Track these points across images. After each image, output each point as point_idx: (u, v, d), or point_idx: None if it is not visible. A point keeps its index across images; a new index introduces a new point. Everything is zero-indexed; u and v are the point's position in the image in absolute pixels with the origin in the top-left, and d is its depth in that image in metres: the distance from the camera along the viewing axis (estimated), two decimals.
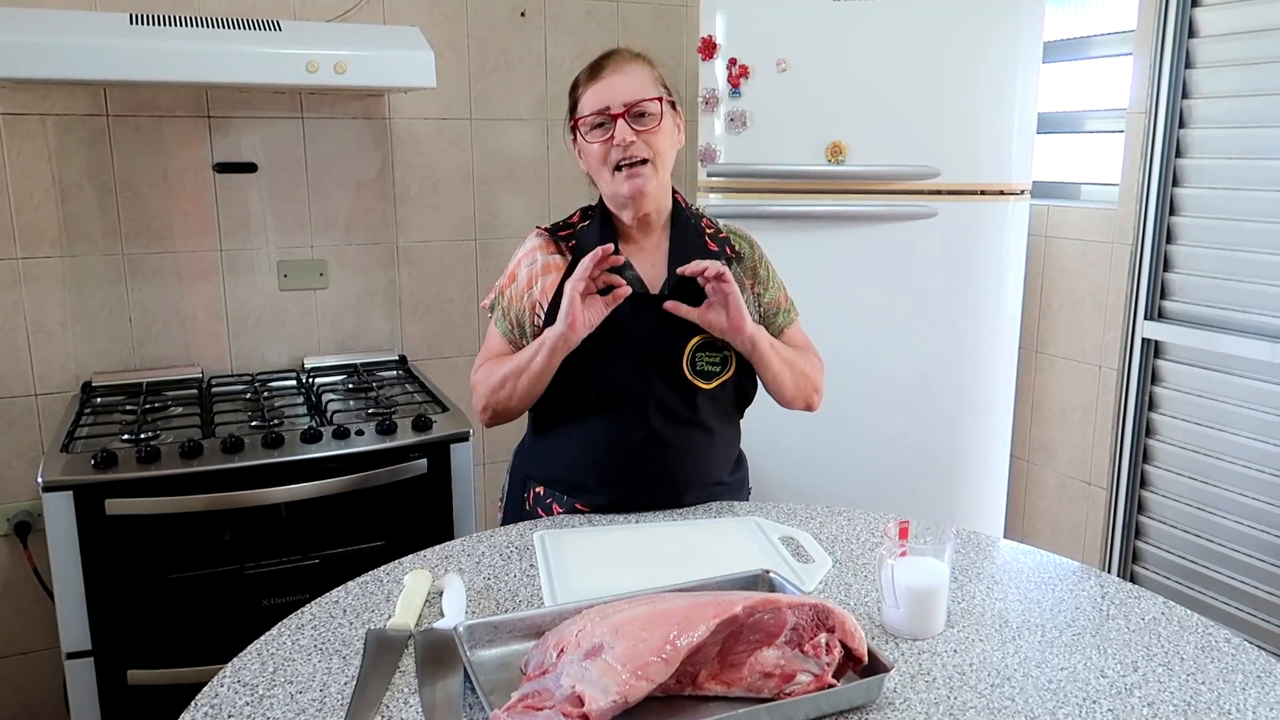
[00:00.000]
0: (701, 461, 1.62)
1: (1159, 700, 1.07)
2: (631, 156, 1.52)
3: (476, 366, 1.66)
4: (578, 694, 0.97)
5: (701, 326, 1.54)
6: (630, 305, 1.55)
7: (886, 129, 2.25)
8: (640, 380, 1.54)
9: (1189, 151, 2.24)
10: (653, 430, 1.55)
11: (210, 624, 1.95)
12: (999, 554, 1.47)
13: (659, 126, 1.53)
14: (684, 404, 1.56)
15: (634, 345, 1.54)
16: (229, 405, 2.26)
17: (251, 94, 2.44)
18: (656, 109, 1.53)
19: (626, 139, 1.51)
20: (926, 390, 2.36)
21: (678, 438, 1.57)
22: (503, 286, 1.64)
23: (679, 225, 1.62)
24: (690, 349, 1.55)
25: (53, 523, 1.82)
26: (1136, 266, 2.33)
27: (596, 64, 1.57)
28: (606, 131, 1.52)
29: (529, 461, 1.69)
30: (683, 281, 1.56)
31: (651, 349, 1.55)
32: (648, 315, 1.55)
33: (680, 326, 1.55)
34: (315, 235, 2.57)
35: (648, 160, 1.53)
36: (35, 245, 2.30)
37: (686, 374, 1.55)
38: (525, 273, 1.61)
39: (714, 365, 1.57)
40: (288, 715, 1.03)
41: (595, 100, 1.53)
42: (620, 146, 1.51)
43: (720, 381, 1.58)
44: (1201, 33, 2.18)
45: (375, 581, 1.34)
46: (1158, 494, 2.37)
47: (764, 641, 1.06)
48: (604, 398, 1.55)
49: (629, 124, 1.51)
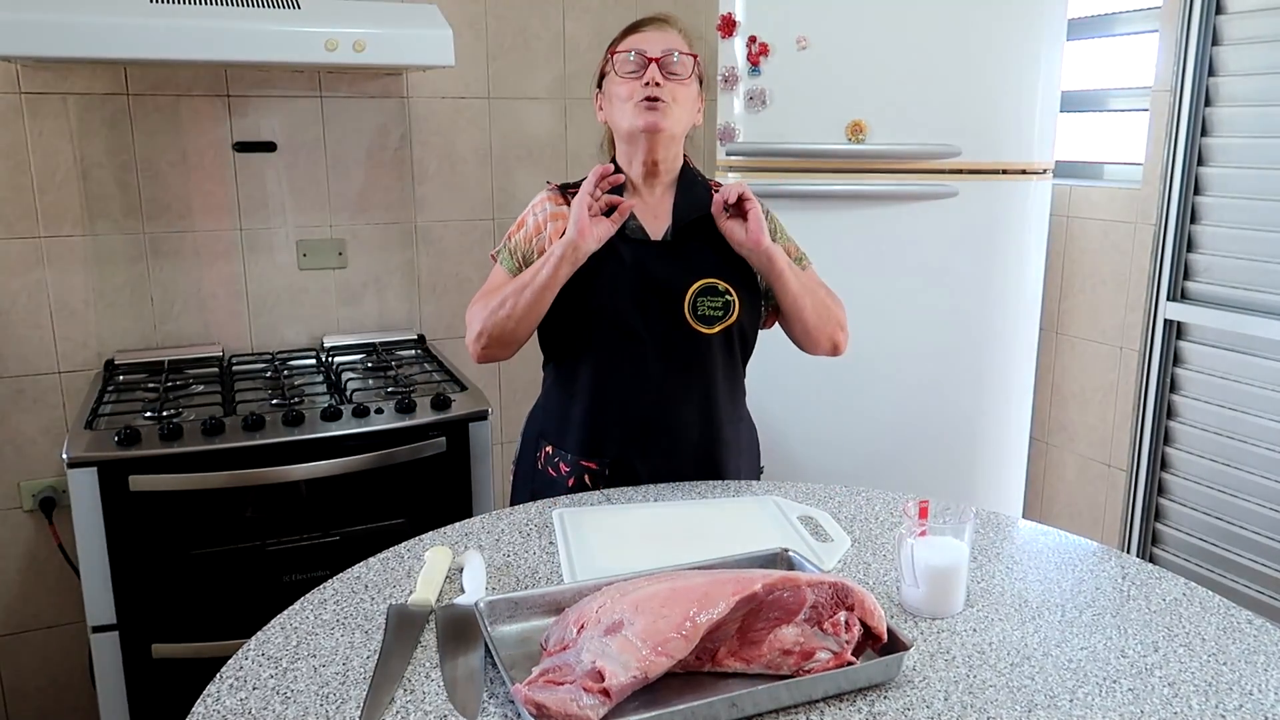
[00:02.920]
0: (702, 409, 1.63)
1: (1180, 680, 1.07)
2: (655, 96, 1.56)
3: (473, 303, 1.64)
4: (598, 669, 0.98)
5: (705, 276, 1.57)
6: (633, 251, 1.58)
7: (907, 107, 2.23)
8: (642, 325, 1.57)
9: (1215, 130, 2.21)
10: (654, 376, 1.58)
11: (232, 599, 1.97)
12: (1018, 534, 1.47)
13: (687, 81, 1.60)
14: (686, 350, 1.59)
15: (635, 291, 1.57)
16: (250, 383, 2.28)
17: (270, 73, 2.44)
18: (689, 67, 1.60)
19: (655, 79, 1.56)
20: (946, 371, 2.34)
21: (680, 384, 1.60)
22: (511, 233, 1.68)
23: (685, 179, 1.66)
24: (692, 294, 1.57)
25: (77, 499, 1.84)
26: (1160, 247, 2.31)
27: (641, 20, 1.66)
28: (638, 71, 1.58)
29: (540, 419, 1.72)
30: (686, 228, 1.60)
31: (653, 294, 1.57)
32: (650, 261, 1.59)
33: (682, 272, 1.58)
34: (334, 214, 2.58)
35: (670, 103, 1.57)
36: (58, 224, 2.32)
37: (689, 319, 1.57)
38: (533, 220, 1.66)
39: (716, 310, 1.58)
40: (311, 688, 1.04)
41: (634, 44, 1.61)
42: (648, 85, 1.56)
43: (723, 327, 1.59)
44: (1229, 9, 2.15)
45: (396, 558, 1.35)
46: (1178, 476, 2.35)
47: (783, 619, 1.07)
48: (606, 343, 1.58)
49: (662, 69, 1.57)
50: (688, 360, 1.59)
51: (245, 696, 1.02)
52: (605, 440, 1.62)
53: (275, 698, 1.02)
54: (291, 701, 1.02)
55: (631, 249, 1.59)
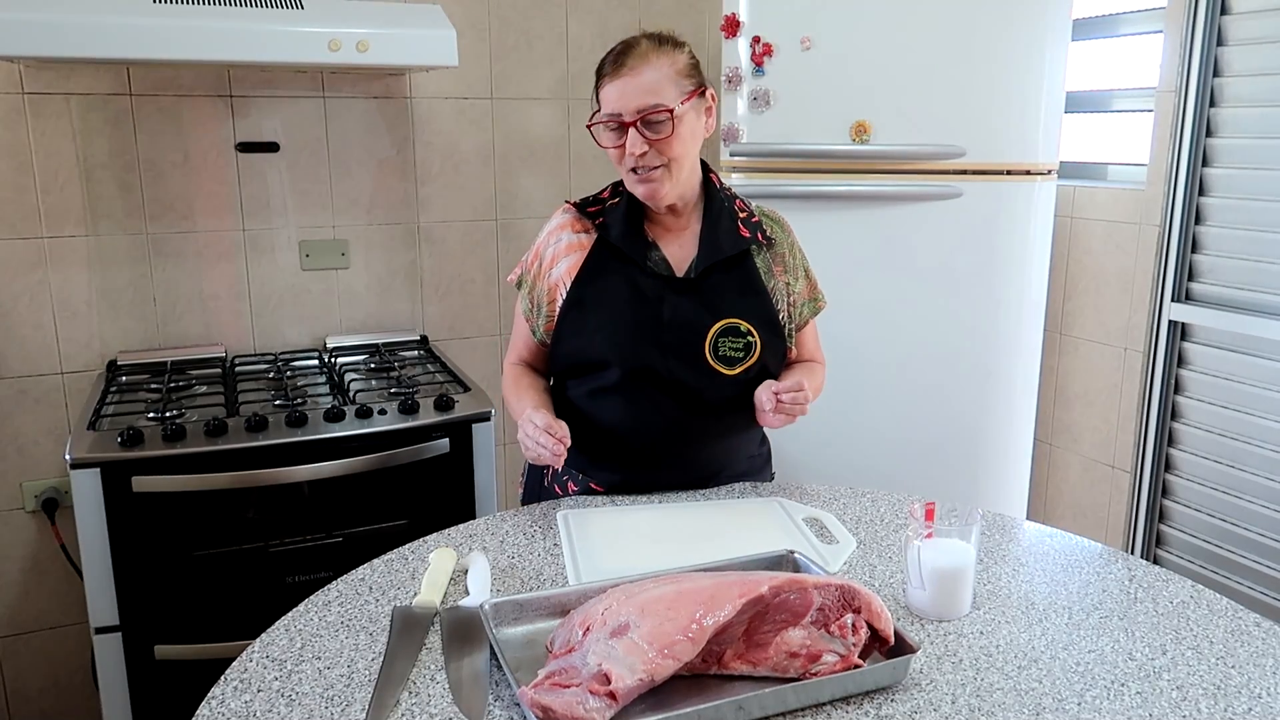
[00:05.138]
0: (719, 449, 1.61)
1: (1188, 683, 1.06)
2: (644, 165, 1.49)
3: (507, 359, 1.70)
4: (604, 672, 0.97)
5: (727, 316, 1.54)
6: (655, 287, 1.54)
7: (911, 108, 2.23)
8: (661, 363, 1.53)
9: (1219, 131, 2.21)
10: (671, 415, 1.55)
11: (235, 600, 1.97)
12: (1024, 536, 1.46)
13: (674, 134, 1.47)
14: (705, 389, 1.55)
15: (657, 328, 1.53)
16: (252, 384, 2.28)
17: (273, 73, 2.43)
18: (670, 114, 1.46)
19: (637, 150, 1.47)
20: (950, 372, 2.34)
21: (696, 424, 1.56)
22: (528, 264, 1.65)
23: (712, 209, 1.59)
24: (713, 334, 1.54)
25: (80, 500, 1.84)
26: (1164, 248, 2.30)
27: (619, 55, 1.49)
28: (620, 137, 1.49)
29: None
30: (711, 266, 1.55)
31: (674, 332, 1.54)
32: (672, 298, 1.54)
33: (705, 311, 1.54)
34: (337, 215, 2.57)
35: (662, 167, 1.49)
36: (60, 225, 2.31)
37: (709, 359, 1.54)
38: (550, 251, 1.61)
39: (737, 351, 1.54)
40: (316, 690, 1.04)
41: (610, 102, 1.48)
42: (632, 155, 1.48)
43: (744, 368, 1.55)
44: (1234, 9, 2.14)
45: (401, 559, 1.34)
46: (1182, 478, 2.35)
47: (790, 621, 1.06)
48: (624, 379, 1.54)
49: (641, 132, 1.46)
50: (707, 400, 1.55)
51: (250, 699, 1.02)
52: (619, 466, 1.60)
53: (280, 700, 1.02)
54: (296, 704, 1.01)
55: (654, 284, 1.54)
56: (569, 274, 1.58)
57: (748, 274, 1.58)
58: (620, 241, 1.55)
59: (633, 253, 1.55)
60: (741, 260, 1.58)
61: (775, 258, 1.63)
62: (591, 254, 1.57)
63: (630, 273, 1.54)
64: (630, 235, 1.55)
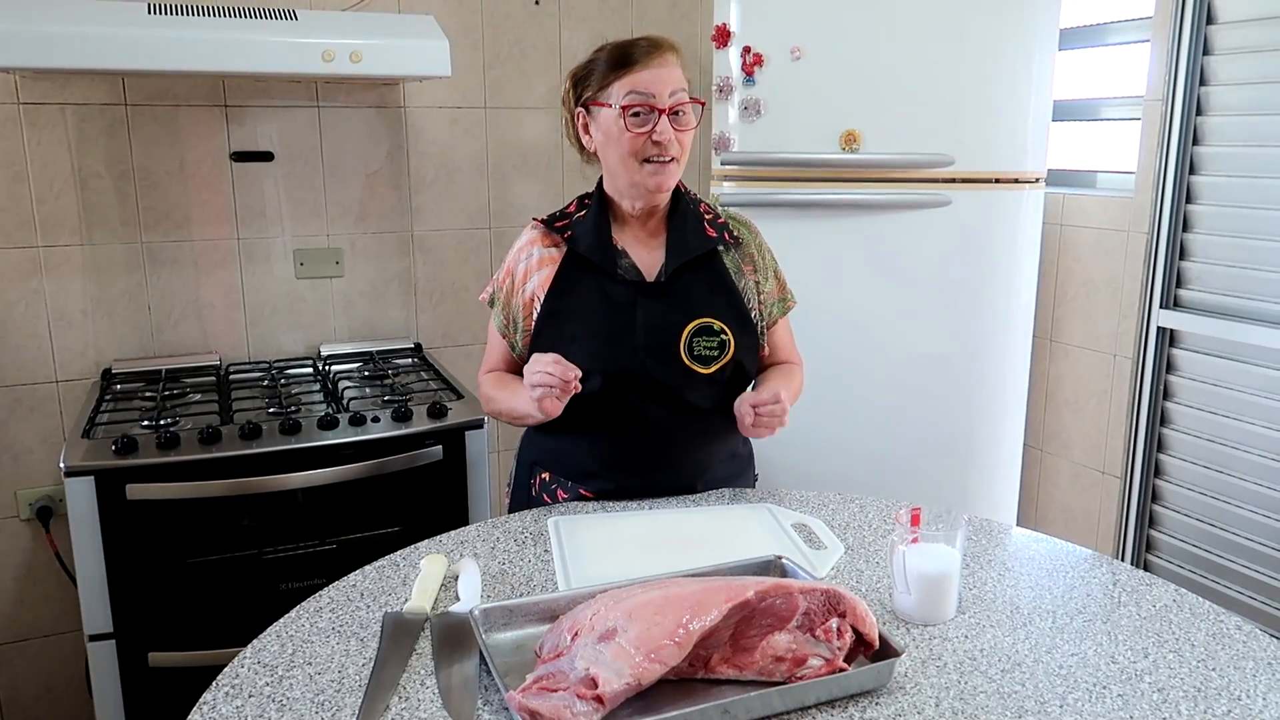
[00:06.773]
0: (701, 447, 1.63)
1: (1169, 686, 1.07)
2: (665, 154, 1.52)
3: (481, 371, 1.72)
4: (592, 676, 0.98)
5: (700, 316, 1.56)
6: (627, 293, 1.56)
7: (901, 117, 2.24)
8: (640, 368, 1.55)
9: (1206, 139, 2.23)
10: (654, 417, 1.57)
11: (229, 607, 1.97)
12: (1011, 541, 1.47)
13: (695, 127, 1.55)
14: (684, 390, 1.57)
15: (632, 333, 1.55)
16: (247, 392, 2.28)
17: (268, 83, 2.45)
18: (696, 114, 1.54)
19: (667, 137, 1.50)
20: (940, 379, 2.35)
21: (677, 424, 1.59)
22: (500, 281, 1.67)
23: (678, 212, 1.63)
24: (688, 334, 1.56)
25: (74, 507, 1.84)
26: (1152, 255, 2.32)
27: (652, 45, 1.52)
28: (645, 123, 1.50)
29: (535, 448, 1.71)
30: (680, 268, 1.58)
31: (649, 335, 1.56)
32: (644, 303, 1.56)
33: (677, 313, 1.57)
34: (331, 224, 2.59)
35: (675, 159, 1.54)
36: (56, 234, 2.33)
37: (685, 359, 1.56)
38: (521, 268, 1.63)
39: (712, 350, 1.57)
40: (307, 696, 1.05)
41: (645, 84, 1.49)
42: (659, 143, 1.51)
43: (719, 366, 1.58)
44: (1220, 19, 2.17)
45: (392, 566, 1.35)
46: (1172, 483, 2.36)
47: (776, 626, 1.07)
48: (603, 385, 1.55)
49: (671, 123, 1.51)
50: (688, 401, 1.57)
51: (241, 704, 1.03)
52: (605, 471, 1.61)
53: (271, 705, 1.03)
54: (287, 709, 1.02)
55: (626, 291, 1.56)
56: (542, 288, 1.59)
57: (717, 273, 1.61)
58: (590, 252, 1.57)
59: (603, 262, 1.57)
60: (710, 260, 1.61)
61: (744, 257, 1.65)
62: (562, 267, 1.59)
63: (601, 281, 1.57)
64: (599, 245, 1.58)
